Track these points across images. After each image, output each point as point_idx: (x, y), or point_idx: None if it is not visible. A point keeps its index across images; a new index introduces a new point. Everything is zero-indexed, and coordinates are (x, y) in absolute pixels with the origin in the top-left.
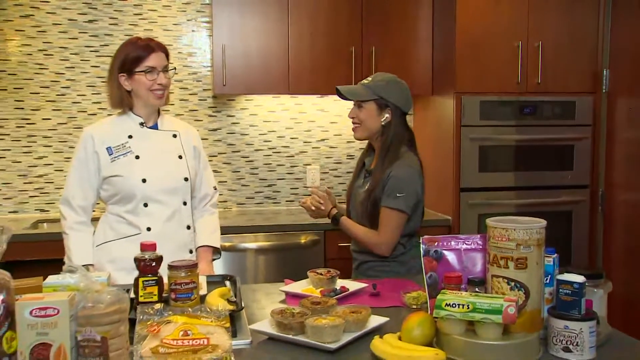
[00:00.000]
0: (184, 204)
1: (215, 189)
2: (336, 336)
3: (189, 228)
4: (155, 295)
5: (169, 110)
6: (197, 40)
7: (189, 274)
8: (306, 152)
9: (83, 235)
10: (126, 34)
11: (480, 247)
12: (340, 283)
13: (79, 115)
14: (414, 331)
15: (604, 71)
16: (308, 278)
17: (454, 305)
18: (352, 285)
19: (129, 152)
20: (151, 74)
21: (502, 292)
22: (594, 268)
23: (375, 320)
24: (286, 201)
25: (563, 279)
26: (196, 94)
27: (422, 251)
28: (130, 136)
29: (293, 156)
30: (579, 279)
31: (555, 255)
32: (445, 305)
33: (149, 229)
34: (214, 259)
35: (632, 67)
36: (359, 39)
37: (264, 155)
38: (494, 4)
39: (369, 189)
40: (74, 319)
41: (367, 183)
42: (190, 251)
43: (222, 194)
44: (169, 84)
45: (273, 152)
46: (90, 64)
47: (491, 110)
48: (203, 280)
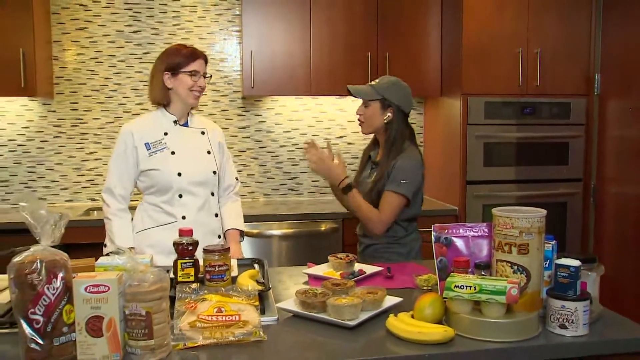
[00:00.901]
0: (212, 194)
1: (237, 179)
2: (355, 314)
3: (216, 216)
4: (192, 276)
5: (202, 110)
6: (228, 47)
7: (222, 257)
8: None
9: (124, 221)
10: (166, 42)
11: (486, 235)
12: (358, 266)
13: (124, 115)
14: (425, 310)
15: (596, 75)
16: (329, 262)
17: (462, 287)
18: (369, 268)
19: (165, 148)
20: (194, 76)
21: (506, 275)
22: (587, 253)
23: (390, 300)
24: (308, 192)
25: (561, 263)
26: (227, 96)
27: (433, 238)
28: (165, 133)
29: None
30: (575, 263)
31: (554, 242)
32: (454, 287)
33: (184, 218)
34: (240, 241)
35: (621, 72)
36: (374, 45)
37: (288, 151)
38: (497, 14)
39: (375, 179)
40: (122, 296)
41: (374, 173)
42: (219, 236)
43: (250, 186)
44: (205, 88)
45: (296, 148)
46: (135, 70)
47: (495, 110)
48: (234, 263)
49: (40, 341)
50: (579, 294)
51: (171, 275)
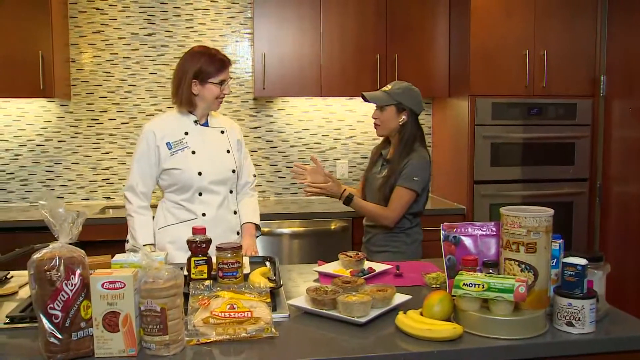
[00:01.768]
0: (230, 192)
1: (254, 176)
2: (365, 311)
3: (235, 213)
4: (205, 273)
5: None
6: (240, 49)
7: (234, 255)
8: (336, 148)
9: (146, 218)
10: (179, 44)
11: (494, 233)
12: (367, 264)
13: (139, 116)
14: (434, 308)
15: (602, 77)
16: (339, 260)
17: (470, 285)
18: (378, 266)
19: (186, 148)
20: (222, 86)
21: (514, 273)
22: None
23: (399, 298)
24: None
25: (568, 262)
26: (239, 97)
27: (442, 236)
28: (186, 133)
29: (324, 152)
30: (582, 261)
31: (561, 241)
32: (462, 285)
33: (204, 215)
34: (257, 236)
35: (626, 74)
36: (383, 47)
37: (299, 151)
38: (504, 17)
39: (387, 176)
40: (138, 292)
41: (385, 170)
42: (237, 232)
43: (261, 185)
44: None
45: (306, 148)
46: (149, 72)
47: (502, 111)
48: (246, 261)
49: (59, 335)
50: (585, 292)
51: (185, 272)
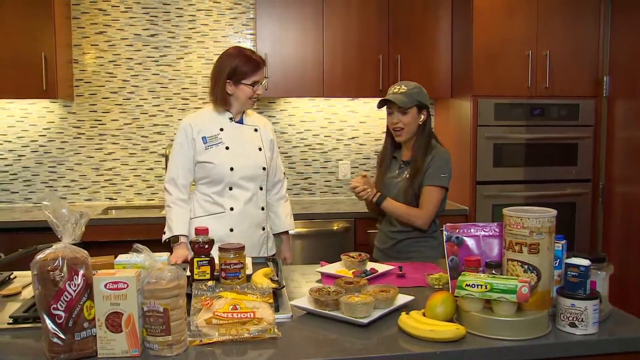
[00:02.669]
0: (260, 188)
1: (284, 174)
2: (367, 312)
3: (263, 209)
4: (208, 273)
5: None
6: None
7: (237, 255)
8: (338, 149)
9: (183, 211)
10: (182, 45)
11: (497, 234)
12: (370, 265)
13: (142, 117)
14: (437, 308)
15: (604, 78)
16: (341, 260)
17: (473, 286)
18: (381, 267)
19: (220, 143)
20: (255, 87)
21: (517, 274)
22: (596, 253)
23: (402, 299)
24: (320, 192)
25: (571, 263)
26: None
27: (445, 237)
28: (221, 129)
29: (326, 152)
30: (585, 262)
31: (564, 242)
32: (465, 286)
33: (232, 209)
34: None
35: (629, 74)
36: (386, 48)
37: (301, 152)
38: (506, 17)
39: (411, 178)
40: (140, 293)
41: (404, 172)
42: (263, 228)
43: None
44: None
45: (309, 149)
46: (151, 72)
47: (504, 112)
48: (249, 261)
49: (62, 336)
50: (588, 293)
51: (188, 273)
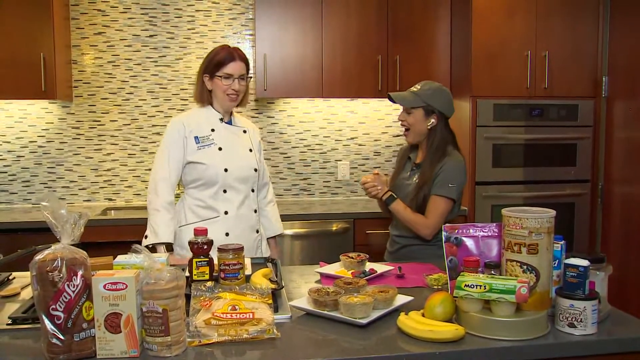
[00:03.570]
0: (252, 190)
1: (269, 178)
2: (366, 312)
3: (255, 212)
4: (206, 274)
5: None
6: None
7: (236, 256)
8: (337, 149)
9: (171, 216)
10: (181, 45)
11: (496, 234)
12: (369, 266)
13: (140, 117)
14: (436, 309)
15: (604, 78)
16: (340, 261)
17: (472, 286)
18: (380, 267)
19: (213, 144)
20: (227, 80)
21: (516, 275)
22: (595, 253)
23: (401, 299)
24: (319, 193)
25: (570, 263)
26: None
27: (444, 238)
28: (213, 129)
29: (325, 153)
30: (584, 263)
31: (563, 242)
32: (464, 286)
33: (226, 213)
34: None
35: (628, 75)
36: (385, 48)
37: (300, 152)
38: (505, 18)
39: (419, 184)
40: (139, 293)
41: (415, 176)
42: (257, 231)
43: None
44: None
45: (308, 149)
46: (150, 73)
47: (503, 113)
48: (248, 262)
49: (61, 336)
50: (587, 293)
51: (186, 273)
